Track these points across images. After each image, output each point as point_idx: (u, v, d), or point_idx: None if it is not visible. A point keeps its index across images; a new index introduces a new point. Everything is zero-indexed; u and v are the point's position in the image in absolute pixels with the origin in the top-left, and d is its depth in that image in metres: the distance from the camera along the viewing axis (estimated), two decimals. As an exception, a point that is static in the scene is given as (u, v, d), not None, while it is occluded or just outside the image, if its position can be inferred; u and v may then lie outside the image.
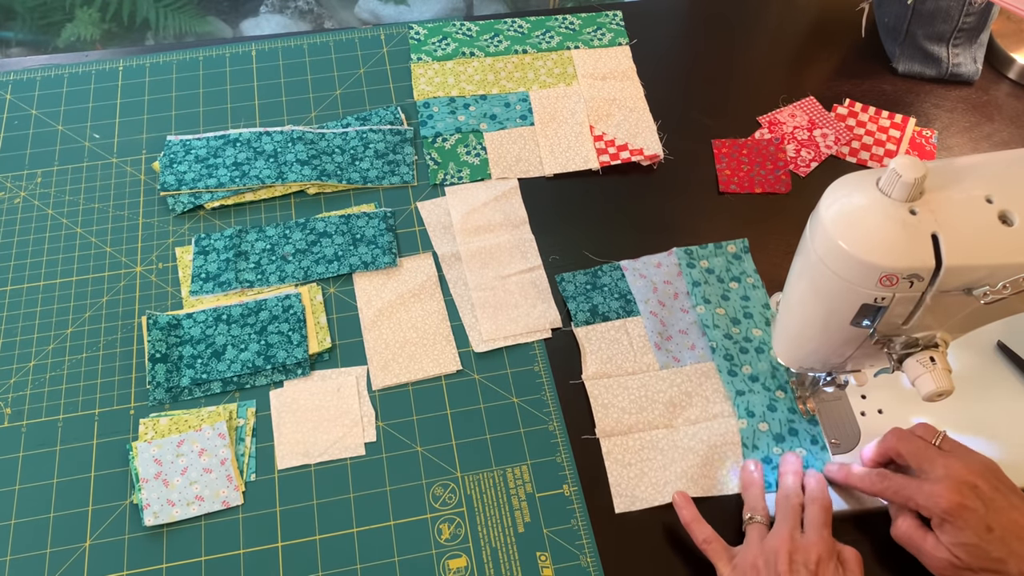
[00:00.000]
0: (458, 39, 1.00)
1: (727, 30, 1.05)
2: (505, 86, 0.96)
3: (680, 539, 0.69)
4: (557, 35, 1.01)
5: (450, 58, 0.98)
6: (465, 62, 0.98)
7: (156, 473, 0.70)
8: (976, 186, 0.56)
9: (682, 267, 0.82)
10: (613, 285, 0.82)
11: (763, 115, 0.96)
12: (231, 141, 0.90)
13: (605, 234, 0.87)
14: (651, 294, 0.80)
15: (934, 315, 0.58)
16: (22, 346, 0.78)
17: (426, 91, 0.95)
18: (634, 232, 0.87)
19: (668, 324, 0.79)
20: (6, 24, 1.81)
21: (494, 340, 0.79)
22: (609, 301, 0.81)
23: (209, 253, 0.83)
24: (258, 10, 1.94)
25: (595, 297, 0.81)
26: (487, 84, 0.96)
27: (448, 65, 0.98)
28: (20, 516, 0.69)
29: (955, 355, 0.60)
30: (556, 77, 0.97)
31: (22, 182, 0.89)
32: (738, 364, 0.77)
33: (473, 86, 0.96)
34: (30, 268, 0.83)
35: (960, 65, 0.99)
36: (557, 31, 1.01)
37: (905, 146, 0.94)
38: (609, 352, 0.78)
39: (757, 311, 0.80)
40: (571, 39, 1.01)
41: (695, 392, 0.75)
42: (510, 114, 0.94)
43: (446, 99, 0.95)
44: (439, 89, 0.96)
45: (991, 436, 0.73)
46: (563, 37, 1.01)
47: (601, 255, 0.85)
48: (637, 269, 0.82)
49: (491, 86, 0.96)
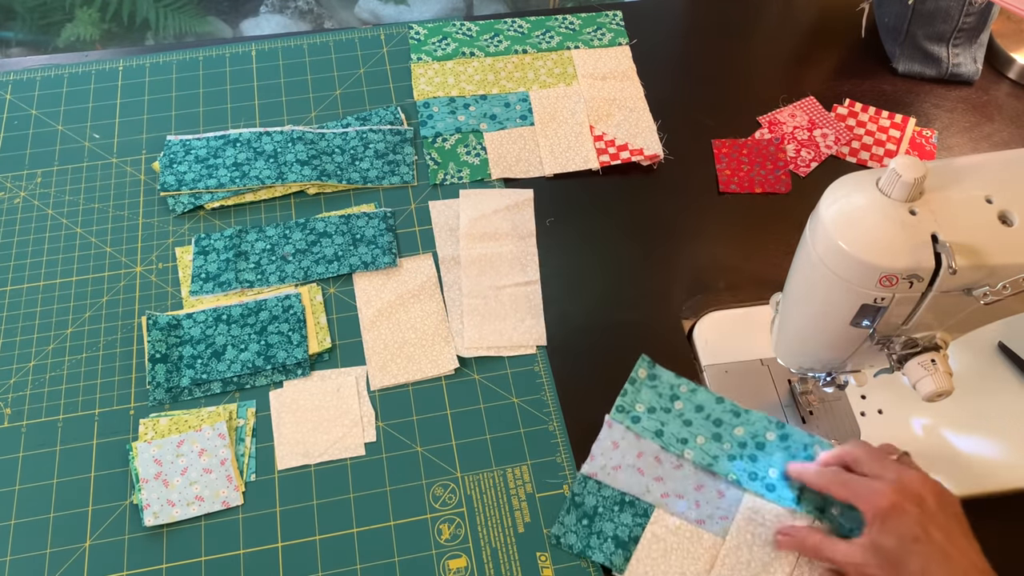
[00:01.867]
0: (458, 39, 1.00)
1: (727, 30, 1.05)
2: (505, 86, 0.96)
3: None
4: (557, 35, 1.01)
5: (450, 58, 0.98)
6: (465, 62, 0.98)
7: (156, 473, 0.70)
8: (976, 186, 0.56)
9: (631, 427, 0.72)
10: (603, 501, 0.69)
11: (763, 115, 0.96)
12: (231, 141, 0.90)
13: (605, 234, 0.87)
14: (640, 477, 0.70)
15: (934, 315, 0.58)
16: (22, 346, 0.78)
17: (426, 91, 0.95)
18: (634, 232, 0.87)
19: (684, 493, 0.69)
20: (6, 24, 1.81)
21: (476, 349, 0.78)
22: (616, 519, 0.69)
23: (209, 253, 0.83)
24: (258, 10, 1.94)
25: (600, 525, 0.69)
26: (487, 84, 0.96)
27: (448, 65, 0.98)
28: (20, 516, 0.69)
29: (955, 355, 0.60)
30: (556, 77, 0.97)
31: (22, 182, 0.89)
32: (764, 469, 0.69)
33: (473, 86, 0.96)
34: (30, 268, 0.83)
35: (960, 65, 0.99)
36: (557, 31, 1.01)
37: (905, 146, 0.94)
38: (669, 564, 0.67)
39: (717, 411, 0.72)
40: (571, 39, 1.01)
41: (769, 527, 0.67)
42: (510, 114, 0.94)
43: (446, 99, 0.95)
44: (439, 89, 0.96)
45: (991, 436, 0.73)
46: (563, 37, 1.01)
47: (601, 255, 0.85)
48: (607, 464, 0.71)
49: (491, 86, 0.96)
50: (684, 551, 0.67)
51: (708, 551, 0.66)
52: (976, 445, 0.73)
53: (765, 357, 0.78)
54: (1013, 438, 0.73)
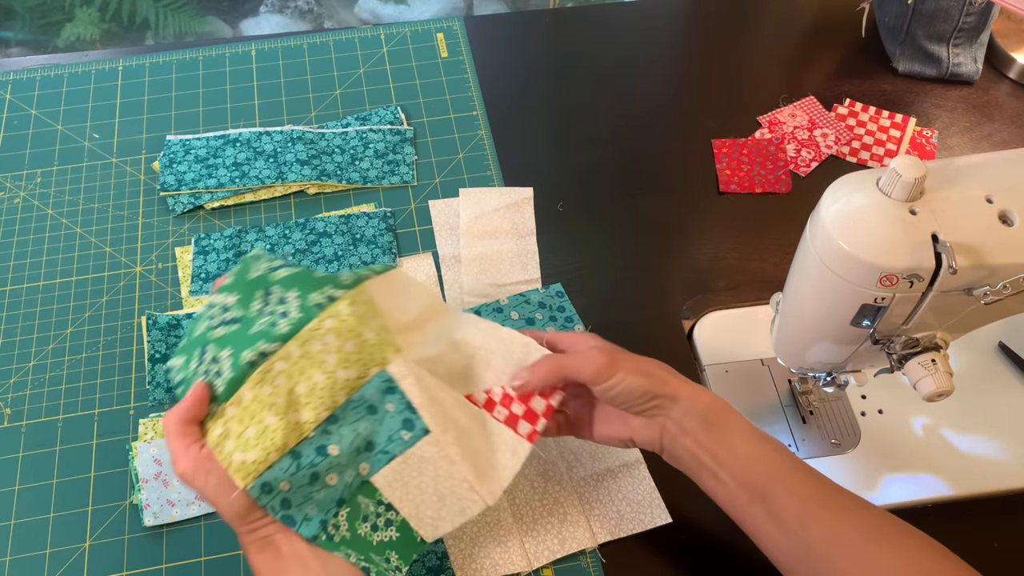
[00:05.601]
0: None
1: (727, 30, 1.05)
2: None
3: (675, 531, 0.69)
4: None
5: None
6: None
7: (156, 473, 0.70)
8: (976, 186, 0.56)
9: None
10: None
11: (763, 115, 0.96)
12: (231, 141, 0.90)
13: (605, 234, 0.87)
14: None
15: (934, 315, 0.58)
16: (22, 346, 0.78)
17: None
18: (634, 232, 0.87)
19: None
20: (6, 24, 1.82)
21: None
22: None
23: (209, 253, 0.83)
24: (258, 10, 1.94)
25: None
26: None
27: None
28: (20, 516, 0.69)
29: (955, 355, 0.60)
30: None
31: (22, 182, 0.89)
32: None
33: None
34: (30, 268, 0.83)
35: (960, 65, 0.99)
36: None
37: (905, 146, 0.94)
38: None
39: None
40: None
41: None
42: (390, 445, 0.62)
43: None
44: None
45: (991, 436, 0.73)
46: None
47: (601, 255, 0.85)
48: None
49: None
50: None
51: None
52: (976, 445, 0.73)
53: (765, 357, 0.78)
54: (1013, 438, 0.73)
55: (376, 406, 0.56)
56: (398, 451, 0.56)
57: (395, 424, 0.56)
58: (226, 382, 0.54)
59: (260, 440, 0.53)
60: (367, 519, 0.55)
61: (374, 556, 0.55)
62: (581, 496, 0.70)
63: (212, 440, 0.54)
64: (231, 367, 0.54)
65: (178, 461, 0.54)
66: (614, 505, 0.69)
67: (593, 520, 0.69)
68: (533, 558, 0.67)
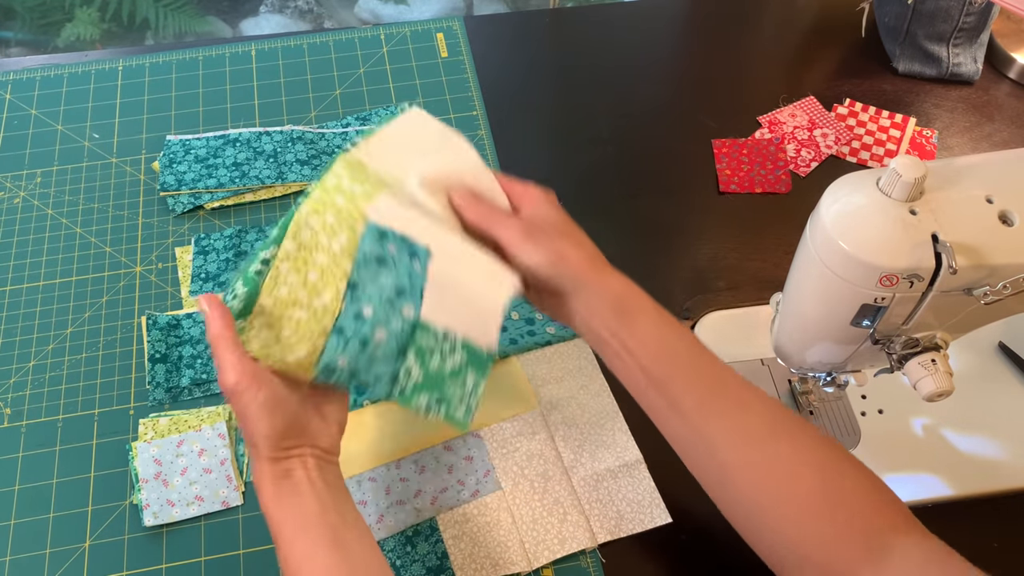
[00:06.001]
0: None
1: (727, 30, 1.05)
2: None
3: (675, 531, 0.69)
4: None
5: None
6: None
7: (156, 473, 0.70)
8: (976, 186, 0.56)
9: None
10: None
11: (763, 115, 0.96)
12: (231, 141, 0.90)
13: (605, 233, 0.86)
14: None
15: (934, 315, 0.58)
16: (22, 346, 0.78)
17: None
18: (634, 232, 0.87)
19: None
20: (6, 24, 1.82)
21: None
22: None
23: (209, 253, 0.83)
24: (258, 10, 1.94)
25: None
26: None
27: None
28: (20, 516, 0.69)
29: (955, 355, 0.60)
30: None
31: (22, 182, 0.89)
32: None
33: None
34: (30, 268, 0.83)
35: (960, 65, 0.99)
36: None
37: (905, 146, 0.94)
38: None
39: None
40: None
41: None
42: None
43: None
44: None
45: (991, 436, 0.73)
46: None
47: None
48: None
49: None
50: None
51: None
52: (976, 445, 0.73)
53: (765, 357, 0.78)
54: (1013, 438, 0.73)
55: (382, 256, 0.57)
56: (421, 281, 0.57)
57: (404, 260, 0.57)
58: (243, 300, 0.55)
59: (299, 335, 0.55)
60: (433, 353, 0.57)
61: (448, 388, 0.56)
62: (581, 496, 0.70)
63: (256, 353, 0.55)
64: (243, 283, 0.56)
65: (228, 372, 0.53)
66: (614, 505, 0.69)
67: (593, 520, 0.69)
68: (533, 558, 0.67)
